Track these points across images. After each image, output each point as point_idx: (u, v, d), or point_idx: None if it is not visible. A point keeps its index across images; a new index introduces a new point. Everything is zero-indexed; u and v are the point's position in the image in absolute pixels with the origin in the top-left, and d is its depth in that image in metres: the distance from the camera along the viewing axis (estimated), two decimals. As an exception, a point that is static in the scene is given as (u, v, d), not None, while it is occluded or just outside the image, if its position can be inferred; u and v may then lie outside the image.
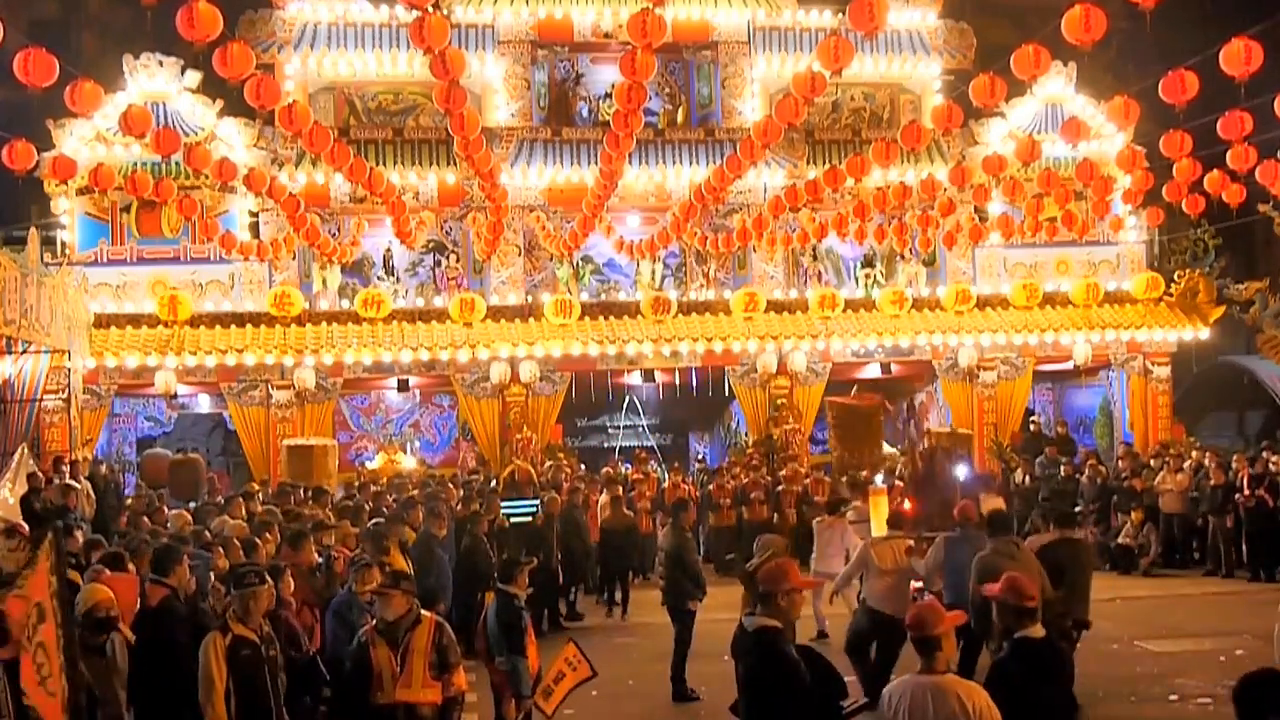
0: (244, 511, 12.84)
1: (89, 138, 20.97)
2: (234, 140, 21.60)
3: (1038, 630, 6.02)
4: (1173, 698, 9.99)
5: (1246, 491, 17.60)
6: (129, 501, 15.83)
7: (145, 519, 12.78)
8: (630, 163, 18.15)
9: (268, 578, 7.25)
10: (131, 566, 8.36)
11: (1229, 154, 13.48)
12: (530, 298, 23.06)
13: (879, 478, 16.75)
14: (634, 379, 24.30)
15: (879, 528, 11.81)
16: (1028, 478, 20.49)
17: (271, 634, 7.15)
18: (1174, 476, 18.71)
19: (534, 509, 15.69)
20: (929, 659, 5.47)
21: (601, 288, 23.92)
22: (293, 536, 9.54)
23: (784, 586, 5.96)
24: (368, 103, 23.68)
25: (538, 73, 23.87)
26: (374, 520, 12.32)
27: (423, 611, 7.51)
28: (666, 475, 20.99)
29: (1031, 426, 23.79)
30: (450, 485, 17.36)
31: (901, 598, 10.29)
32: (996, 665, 6.04)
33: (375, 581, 8.29)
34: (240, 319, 21.75)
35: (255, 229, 22.27)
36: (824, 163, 22.05)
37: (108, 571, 7.94)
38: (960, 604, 9.40)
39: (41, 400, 17.59)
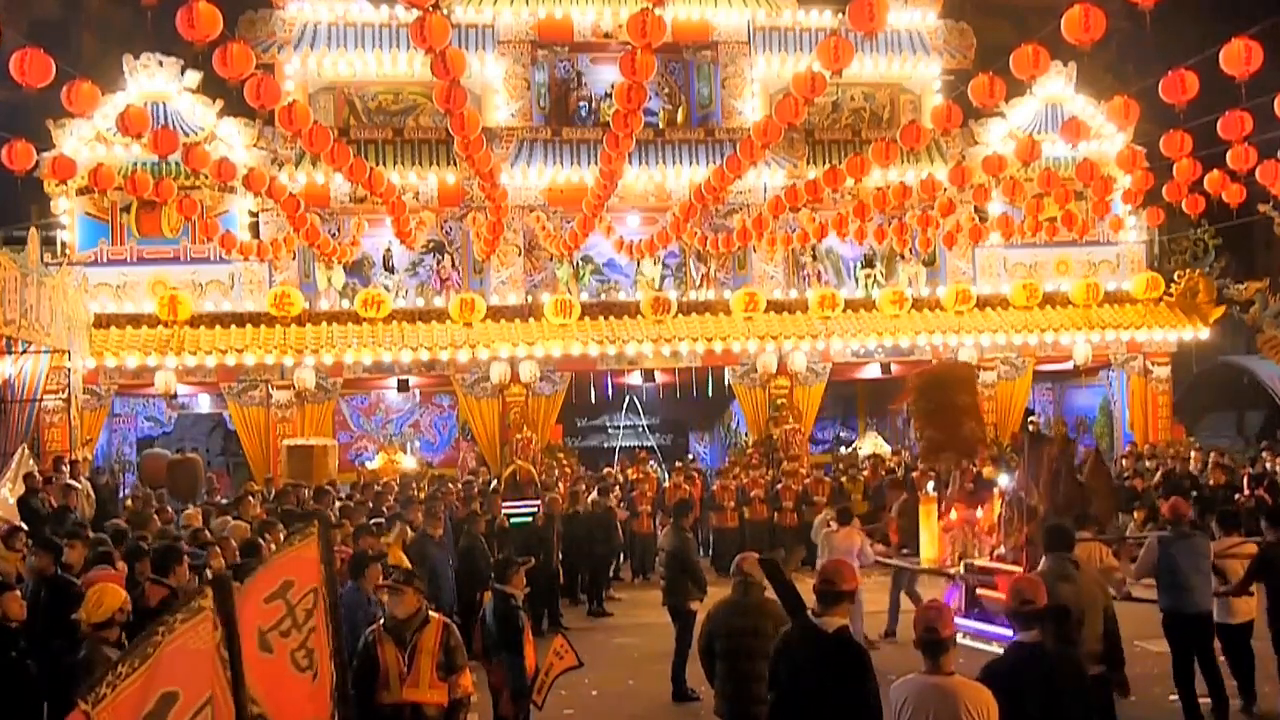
0: (251, 511, 12.83)
1: (89, 138, 20.96)
2: (234, 140, 21.60)
3: (1034, 635, 6.01)
4: (1172, 698, 9.95)
5: (1246, 491, 17.58)
6: (127, 502, 15.82)
7: (155, 519, 12.75)
8: (630, 163, 18.17)
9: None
10: (123, 565, 8.34)
11: (1229, 154, 13.48)
12: (530, 298, 23.05)
13: (930, 485, 14.42)
14: (634, 379, 24.29)
15: (930, 540, 10.63)
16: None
17: None
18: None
19: (535, 509, 15.69)
20: (935, 659, 5.43)
21: (601, 288, 23.92)
22: (286, 536, 9.53)
23: (852, 585, 6.00)
24: (368, 103, 23.68)
25: (538, 73, 23.87)
26: (373, 520, 12.32)
27: (431, 613, 7.50)
28: (667, 475, 20.97)
29: (1030, 427, 23.75)
30: (453, 485, 17.34)
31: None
32: (987, 667, 5.99)
33: (377, 579, 8.29)
34: (240, 319, 21.75)
35: (255, 229, 22.27)
36: (824, 163, 22.05)
37: (110, 569, 7.94)
38: (1180, 608, 9.43)
39: (41, 400, 17.57)
